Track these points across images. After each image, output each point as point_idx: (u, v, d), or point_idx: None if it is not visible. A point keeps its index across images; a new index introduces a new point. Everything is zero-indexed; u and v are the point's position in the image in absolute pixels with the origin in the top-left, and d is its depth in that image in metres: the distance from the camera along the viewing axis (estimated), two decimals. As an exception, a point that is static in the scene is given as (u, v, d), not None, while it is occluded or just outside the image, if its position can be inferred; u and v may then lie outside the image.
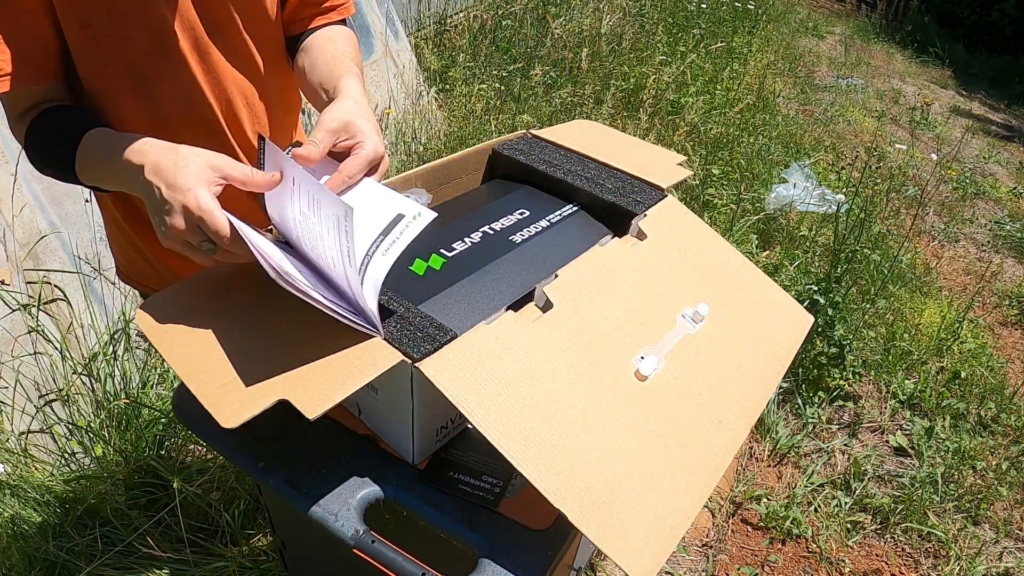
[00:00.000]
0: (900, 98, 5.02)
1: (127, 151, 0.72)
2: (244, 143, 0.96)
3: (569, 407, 0.70)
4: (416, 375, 0.68)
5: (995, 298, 2.95)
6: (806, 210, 2.90)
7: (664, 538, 0.66)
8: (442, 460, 0.79)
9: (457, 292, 0.78)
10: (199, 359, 0.68)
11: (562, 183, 1.00)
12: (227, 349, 0.69)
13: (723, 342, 0.86)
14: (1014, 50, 7.06)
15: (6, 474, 1.45)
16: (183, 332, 0.71)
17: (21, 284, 1.58)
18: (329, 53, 0.91)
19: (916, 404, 2.25)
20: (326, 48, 0.92)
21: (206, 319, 0.72)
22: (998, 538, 1.86)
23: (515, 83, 3.22)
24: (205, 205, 0.66)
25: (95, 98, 0.86)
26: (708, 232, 0.99)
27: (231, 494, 1.51)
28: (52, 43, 0.80)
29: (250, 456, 0.76)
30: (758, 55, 4.64)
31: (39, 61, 0.79)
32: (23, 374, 1.52)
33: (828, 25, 6.59)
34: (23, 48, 0.77)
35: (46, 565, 1.37)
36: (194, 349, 0.69)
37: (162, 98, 0.87)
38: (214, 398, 0.64)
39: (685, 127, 3.14)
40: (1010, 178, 4.25)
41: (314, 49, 0.93)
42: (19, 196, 1.60)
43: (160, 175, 0.69)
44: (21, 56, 0.77)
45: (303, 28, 0.97)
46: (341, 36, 0.96)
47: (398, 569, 0.66)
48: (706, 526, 1.82)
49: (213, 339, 0.70)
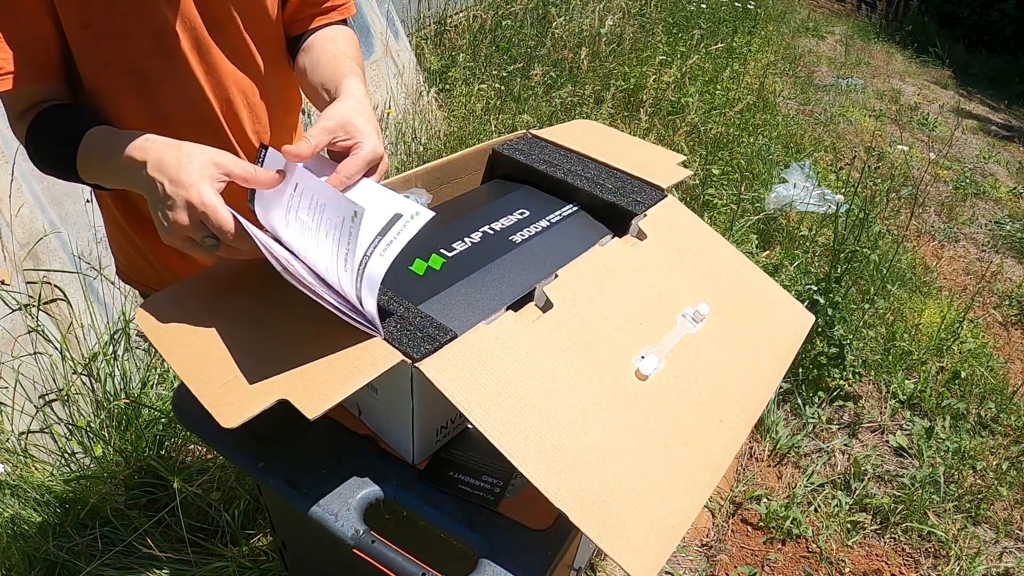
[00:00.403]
0: (900, 98, 5.02)
1: (129, 147, 0.72)
2: (244, 142, 0.96)
3: (569, 407, 0.70)
4: (416, 375, 0.68)
5: (995, 298, 2.95)
6: (806, 210, 2.90)
7: (664, 537, 0.66)
8: (442, 460, 0.79)
9: (457, 292, 0.78)
10: (199, 359, 0.68)
11: (562, 183, 1.00)
12: (227, 349, 0.69)
13: (723, 342, 0.86)
14: (1014, 50, 7.06)
15: (6, 474, 1.44)
16: (183, 332, 0.71)
17: (21, 284, 1.58)
18: (331, 53, 0.91)
19: (916, 404, 2.25)
20: (327, 48, 0.92)
21: (206, 319, 0.72)
22: (998, 538, 1.86)
23: (515, 83, 3.22)
24: (208, 200, 0.67)
25: (95, 97, 0.86)
26: (708, 232, 0.99)
27: (231, 494, 1.51)
28: (53, 42, 0.80)
29: (250, 456, 0.76)
30: (758, 55, 4.64)
31: (40, 60, 0.79)
32: (23, 374, 1.52)
33: (828, 25, 6.60)
34: (24, 47, 0.77)
35: (46, 565, 1.37)
36: (194, 349, 0.69)
37: (162, 97, 0.87)
38: (214, 398, 0.64)
39: (685, 127, 3.14)
40: (1010, 178, 4.25)
41: (315, 49, 0.93)
42: (19, 196, 1.60)
43: (163, 171, 0.69)
44: (22, 55, 0.77)
45: (304, 28, 0.97)
46: (342, 36, 0.96)
47: (398, 569, 0.66)
48: (706, 526, 1.82)
49: (213, 339, 0.70)
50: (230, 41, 0.89)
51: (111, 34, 0.80)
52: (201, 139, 0.91)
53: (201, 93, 0.88)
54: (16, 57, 0.76)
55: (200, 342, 0.70)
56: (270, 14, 0.92)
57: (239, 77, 0.92)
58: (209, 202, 0.66)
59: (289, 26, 0.97)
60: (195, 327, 0.71)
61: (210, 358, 0.68)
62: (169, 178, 0.68)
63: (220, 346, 0.69)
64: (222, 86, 0.90)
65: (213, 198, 0.67)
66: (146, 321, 0.73)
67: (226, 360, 0.67)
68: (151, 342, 0.71)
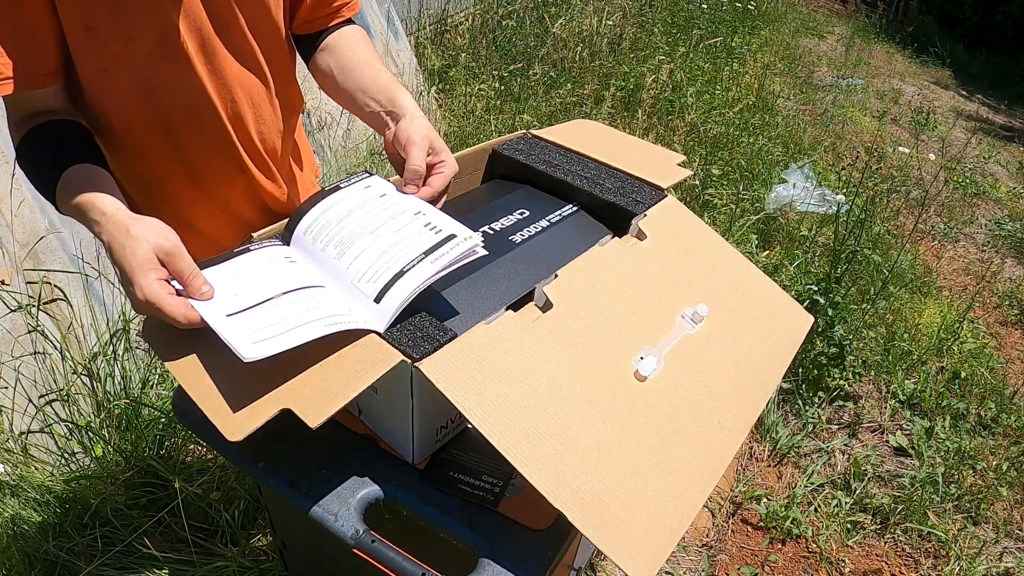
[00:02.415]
0: (900, 98, 5.02)
1: (91, 220, 0.74)
2: (248, 143, 0.96)
3: (568, 407, 0.70)
4: (416, 375, 0.68)
5: (995, 298, 2.95)
6: (806, 210, 2.89)
7: (663, 538, 0.66)
8: (442, 460, 0.79)
9: (457, 292, 0.78)
10: (202, 370, 0.68)
11: (562, 183, 1.00)
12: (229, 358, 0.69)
13: (723, 342, 0.86)
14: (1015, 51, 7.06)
15: (6, 474, 1.44)
16: (186, 342, 0.71)
17: (21, 284, 1.58)
18: (362, 59, 0.95)
19: (916, 404, 2.25)
20: (355, 52, 0.96)
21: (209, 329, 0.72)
22: (998, 538, 1.86)
23: (515, 83, 3.22)
24: (152, 296, 0.68)
25: (95, 103, 0.85)
26: (708, 232, 0.99)
27: (231, 494, 1.51)
28: (52, 48, 0.79)
29: (250, 456, 0.76)
30: (758, 55, 4.64)
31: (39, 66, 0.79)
32: (23, 374, 1.52)
33: (828, 25, 6.60)
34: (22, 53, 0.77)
35: (46, 565, 1.37)
36: (197, 359, 0.69)
37: (165, 100, 0.87)
38: (218, 410, 0.64)
39: (685, 127, 3.14)
40: (1010, 178, 4.25)
41: (341, 51, 0.96)
42: (19, 196, 1.60)
43: (114, 260, 0.71)
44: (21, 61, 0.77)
45: (319, 27, 0.98)
46: (361, 40, 0.99)
47: (398, 569, 0.66)
48: (706, 526, 1.82)
49: (216, 349, 0.70)
50: (235, 42, 0.89)
51: (115, 37, 0.80)
52: (204, 141, 0.91)
53: (205, 95, 0.88)
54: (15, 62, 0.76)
55: (203, 352, 0.70)
56: (272, 15, 0.92)
57: (244, 79, 0.92)
58: (152, 297, 0.68)
59: (301, 26, 0.98)
60: (198, 337, 0.71)
61: (213, 368, 0.68)
62: (118, 267, 0.70)
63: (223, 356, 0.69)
64: (227, 87, 0.90)
65: (155, 292, 0.68)
66: (150, 331, 0.73)
67: (228, 370, 0.67)
68: (155, 352, 0.72)
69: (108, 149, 0.88)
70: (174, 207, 0.96)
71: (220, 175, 0.97)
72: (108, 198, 0.74)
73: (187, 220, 0.98)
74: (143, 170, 0.93)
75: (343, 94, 0.96)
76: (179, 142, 0.91)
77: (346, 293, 0.73)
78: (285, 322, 0.67)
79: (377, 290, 0.71)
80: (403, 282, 0.71)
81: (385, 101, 0.90)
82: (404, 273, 0.72)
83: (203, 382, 0.67)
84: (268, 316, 0.68)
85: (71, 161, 0.78)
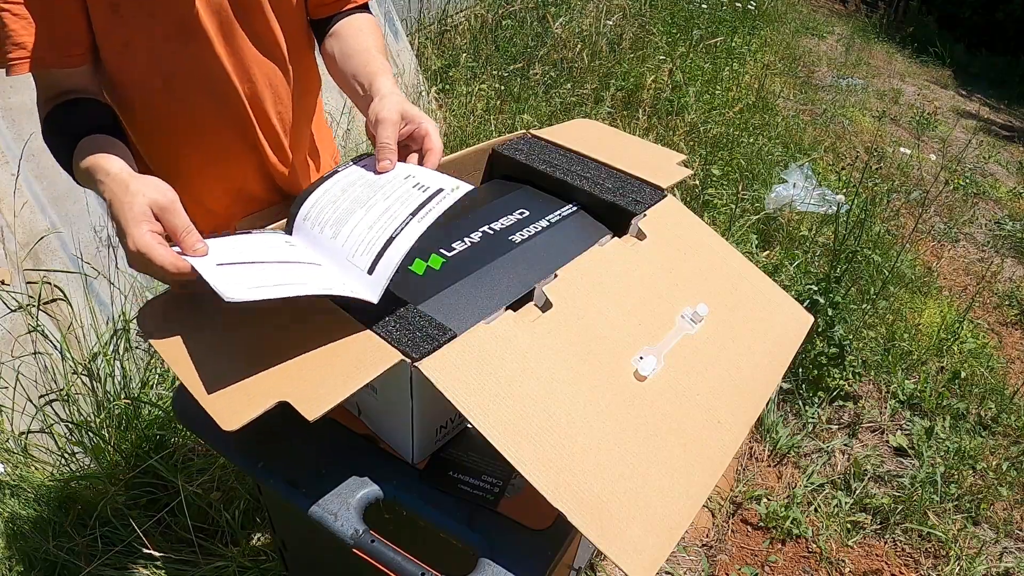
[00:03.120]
0: (900, 98, 5.02)
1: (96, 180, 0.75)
2: (265, 125, 0.98)
3: (568, 407, 0.70)
4: (416, 375, 0.68)
5: (995, 298, 2.95)
6: (806, 210, 2.89)
7: (663, 538, 0.66)
8: (442, 460, 0.79)
9: (457, 292, 0.78)
10: (198, 361, 0.68)
11: (562, 183, 1.00)
12: (227, 351, 0.69)
13: (722, 342, 0.86)
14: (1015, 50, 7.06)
15: (6, 474, 1.45)
16: (183, 334, 0.71)
17: (21, 284, 1.58)
18: (362, 45, 0.96)
19: (916, 404, 2.25)
20: (359, 39, 0.97)
21: (206, 320, 0.72)
22: (998, 538, 1.86)
23: (515, 83, 3.22)
24: (143, 246, 0.68)
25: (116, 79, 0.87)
26: (708, 232, 0.99)
27: (231, 494, 1.51)
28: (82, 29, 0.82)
29: (250, 456, 0.76)
30: (758, 55, 4.64)
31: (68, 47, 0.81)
32: (23, 374, 1.52)
33: (828, 25, 6.59)
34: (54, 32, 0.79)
35: (46, 565, 1.37)
36: (194, 351, 0.69)
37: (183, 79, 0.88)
38: (214, 401, 0.64)
39: (684, 127, 3.14)
40: (1010, 178, 4.25)
41: (345, 37, 0.97)
42: (19, 196, 1.60)
43: (113, 215, 0.71)
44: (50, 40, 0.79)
45: (330, 12, 0.99)
46: (369, 27, 0.99)
47: (398, 569, 0.66)
48: (706, 526, 1.82)
49: (212, 340, 0.70)
50: (254, 24, 0.90)
51: (137, 14, 0.82)
52: (222, 123, 0.94)
53: (225, 76, 0.90)
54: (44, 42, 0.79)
55: (200, 344, 0.70)
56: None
57: (262, 60, 0.93)
58: (142, 246, 0.68)
59: (314, 9, 0.99)
60: (195, 329, 0.71)
61: (210, 360, 0.68)
62: (116, 220, 0.71)
63: (219, 348, 0.69)
64: (246, 68, 0.91)
65: (146, 241, 0.68)
66: (146, 323, 0.73)
67: (226, 362, 0.67)
68: (151, 344, 0.71)
69: (129, 124, 0.91)
70: (188, 183, 0.97)
71: (236, 155, 0.98)
72: (114, 159, 0.75)
73: (200, 198, 1.00)
74: (161, 144, 0.95)
75: (342, 80, 0.97)
76: (197, 120, 0.92)
77: (342, 270, 0.73)
78: (275, 279, 0.68)
79: (369, 262, 0.72)
80: (392, 249, 0.72)
81: (367, 86, 0.90)
82: (393, 239, 0.72)
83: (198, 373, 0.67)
84: (259, 273, 0.68)
85: (88, 132, 0.80)
